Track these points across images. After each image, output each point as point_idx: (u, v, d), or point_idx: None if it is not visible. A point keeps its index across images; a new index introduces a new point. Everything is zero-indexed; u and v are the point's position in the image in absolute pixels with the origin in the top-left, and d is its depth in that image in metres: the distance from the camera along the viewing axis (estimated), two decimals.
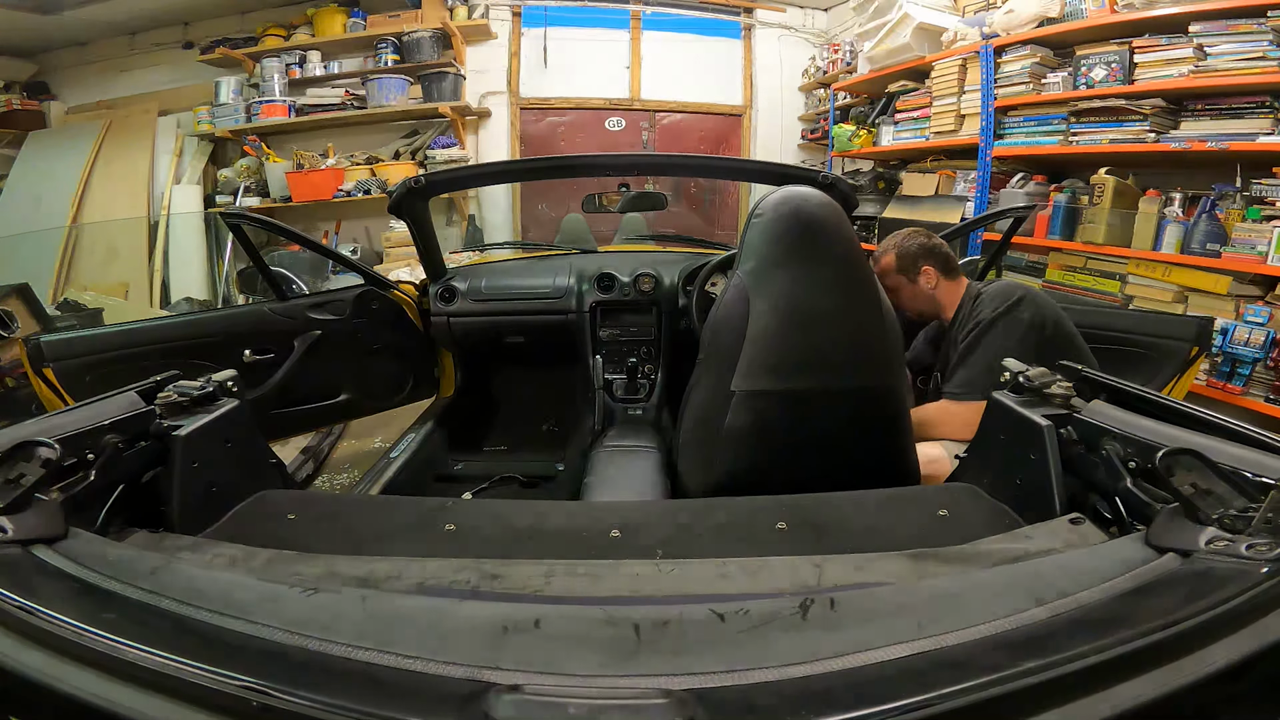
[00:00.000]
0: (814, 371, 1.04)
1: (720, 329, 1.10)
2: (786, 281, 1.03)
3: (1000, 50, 3.14)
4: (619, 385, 1.89)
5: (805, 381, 1.04)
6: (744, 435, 1.04)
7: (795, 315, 1.03)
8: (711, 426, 1.08)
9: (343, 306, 1.87)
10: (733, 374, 1.04)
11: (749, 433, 1.04)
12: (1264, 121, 2.32)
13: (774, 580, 0.65)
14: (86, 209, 4.36)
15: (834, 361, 1.04)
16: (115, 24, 4.38)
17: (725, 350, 1.07)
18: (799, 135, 5.16)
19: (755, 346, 1.03)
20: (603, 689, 0.40)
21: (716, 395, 1.08)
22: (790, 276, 1.03)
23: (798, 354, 1.03)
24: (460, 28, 4.49)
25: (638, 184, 2.14)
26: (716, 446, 1.07)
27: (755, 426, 1.04)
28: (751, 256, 1.06)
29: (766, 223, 1.06)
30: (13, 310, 2.56)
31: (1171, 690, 0.37)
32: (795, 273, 1.03)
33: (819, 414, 1.05)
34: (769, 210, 1.07)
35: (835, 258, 1.04)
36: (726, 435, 1.05)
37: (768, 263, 1.04)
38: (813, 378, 1.04)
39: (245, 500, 0.89)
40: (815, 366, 1.04)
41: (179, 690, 0.38)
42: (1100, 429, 0.77)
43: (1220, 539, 0.51)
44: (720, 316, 1.11)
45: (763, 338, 1.03)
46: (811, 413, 1.05)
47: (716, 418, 1.07)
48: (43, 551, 0.54)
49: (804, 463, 1.06)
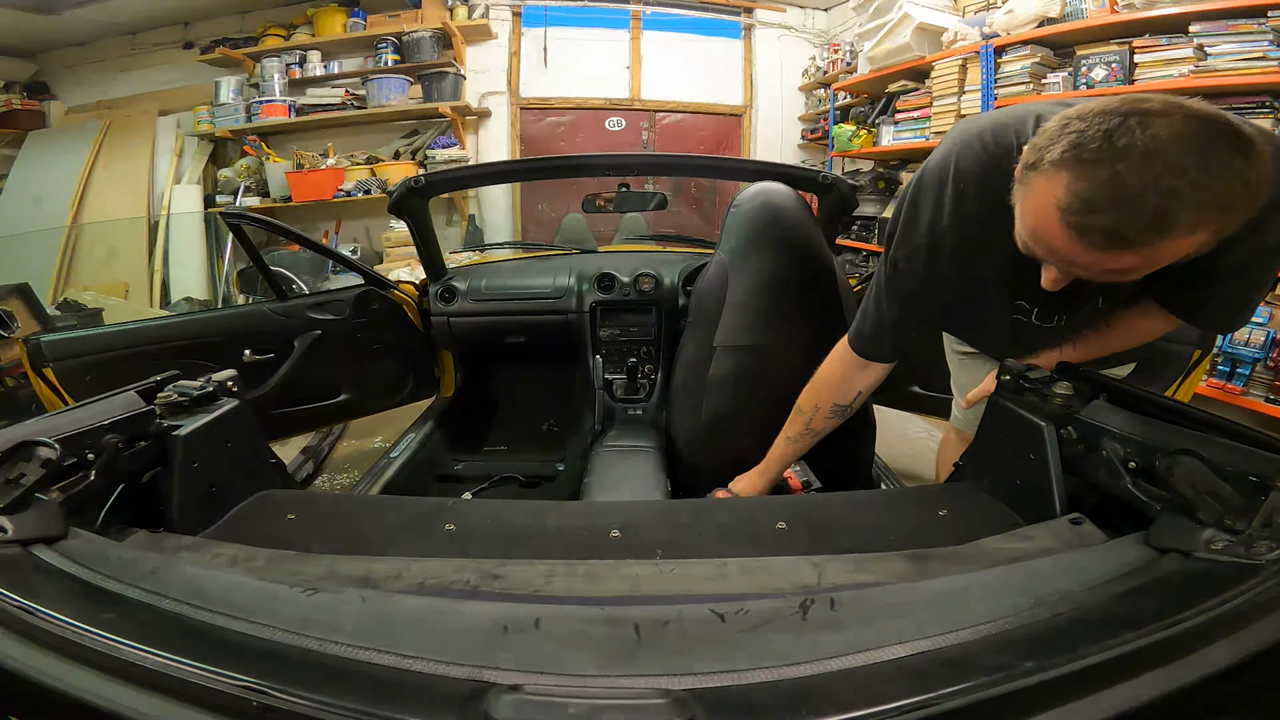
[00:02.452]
0: (779, 328, 1.25)
1: (704, 297, 1.33)
2: (757, 258, 1.26)
3: (1000, 50, 3.14)
4: (619, 385, 1.89)
5: (772, 337, 1.25)
6: (725, 382, 1.27)
7: (764, 284, 1.25)
8: (698, 376, 1.30)
9: (343, 306, 1.87)
10: (714, 333, 1.27)
11: (729, 380, 1.27)
12: (1264, 121, 2.31)
13: (774, 580, 0.65)
14: (86, 209, 4.36)
15: (794, 319, 1.26)
16: (115, 24, 4.38)
17: (708, 314, 1.29)
18: (799, 135, 5.16)
19: (732, 311, 1.26)
20: (603, 689, 0.40)
21: (701, 351, 1.31)
22: (760, 254, 1.26)
23: (766, 315, 1.25)
24: (460, 28, 4.49)
25: (638, 184, 2.15)
26: (702, 393, 1.29)
27: (734, 374, 1.26)
28: (731, 239, 1.30)
29: (742, 212, 1.30)
30: (13, 310, 2.56)
31: (1171, 690, 0.37)
32: (765, 251, 1.26)
33: (782, 362, 1.24)
34: (745, 202, 1.31)
35: (796, 239, 1.27)
36: (710, 383, 1.28)
37: (744, 243, 1.27)
38: (778, 333, 1.25)
39: (245, 500, 0.89)
40: (779, 325, 1.25)
41: (179, 690, 0.38)
42: (1100, 429, 0.77)
43: (1220, 539, 0.51)
44: (704, 287, 1.34)
45: (739, 303, 1.26)
46: (777, 361, 1.25)
47: (702, 369, 1.29)
48: (43, 551, 0.54)
49: (773, 399, 1.21)
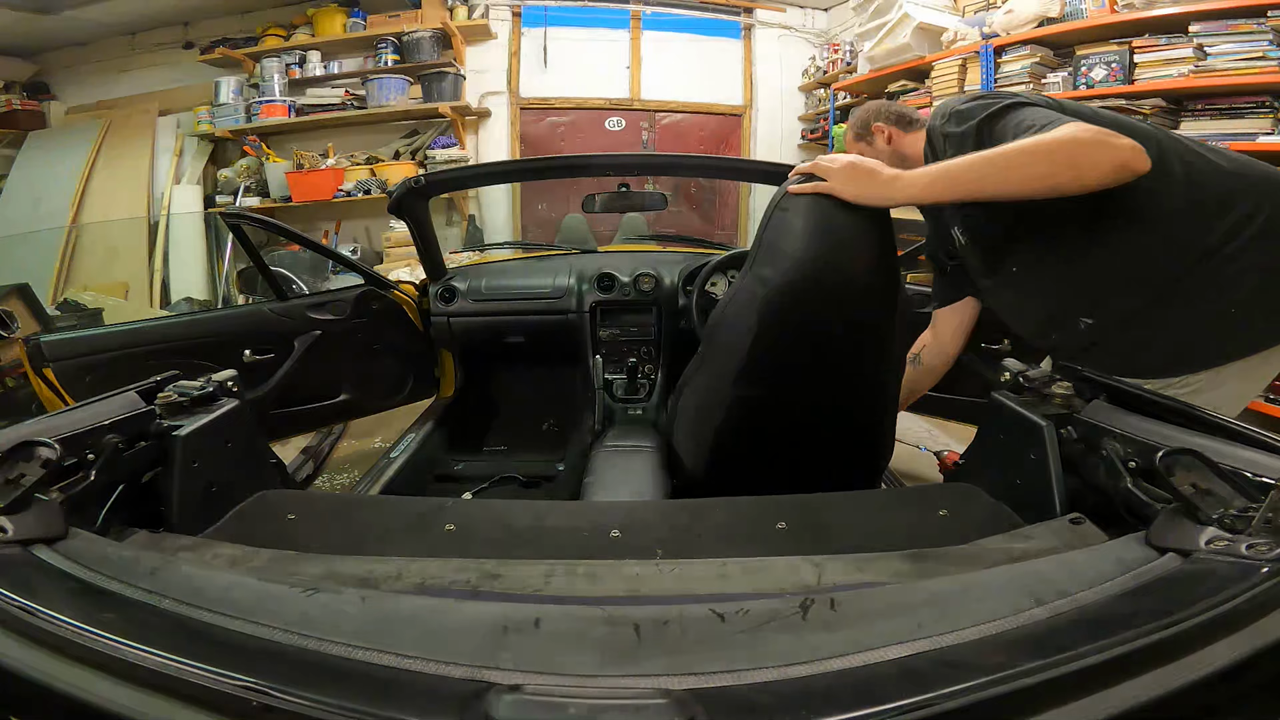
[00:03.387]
0: (825, 379, 1.05)
1: (726, 329, 1.10)
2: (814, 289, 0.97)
3: (1000, 50, 3.14)
4: (619, 385, 1.89)
5: (817, 390, 1.05)
6: (740, 431, 1.10)
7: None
8: (706, 418, 1.14)
9: (343, 306, 1.87)
10: (735, 378, 1.05)
11: (746, 430, 1.09)
12: (1264, 121, 2.31)
13: (774, 580, 0.65)
14: (86, 209, 4.36)
15: (844, 369, 1.05)
16: (115, 24, 4.38)
17: (728, 350, 1.07)
18: (799, 135, 5.16)
19: (772, 353, 1.02)
20: (603, 689, 0.40)
21: (714, 395, 1.12)
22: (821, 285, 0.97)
23: (819, 366, 1.03)
24: (460, 28, 4.49)
25: (638, 184, 2.14)
26: (711, 435, 1.14)
27: (755, 425, 1.08)
28: (776, 258, 0.99)
29: (796, 222, 0.98)
30: (13, 310, 2.55)
31: (1171, 690, 0.37)
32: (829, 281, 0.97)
33: (821, 412, 1.08)
34: (799, 209, 0.98)
35: (871, 266, 0.98)
36: (722, 428, 1.11)
37: (796, 266, 0.97)
38: (824, 386, 1.05)
39: (245, 500, 0.89)
40: (827, 375, 1.05)
41: (179, 690, 0.38)
42: (1100, 429, 0.77)
43: (1220, 539, 0.51)
44: (727, 317, 1.10)
45: (778, 344, 1.01)
46: (815, 414, 1.08)
47: (712, 413, 1.12)
48: (43, 551, 0.54)
49: (796, 441, 1.10)
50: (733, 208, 5.22)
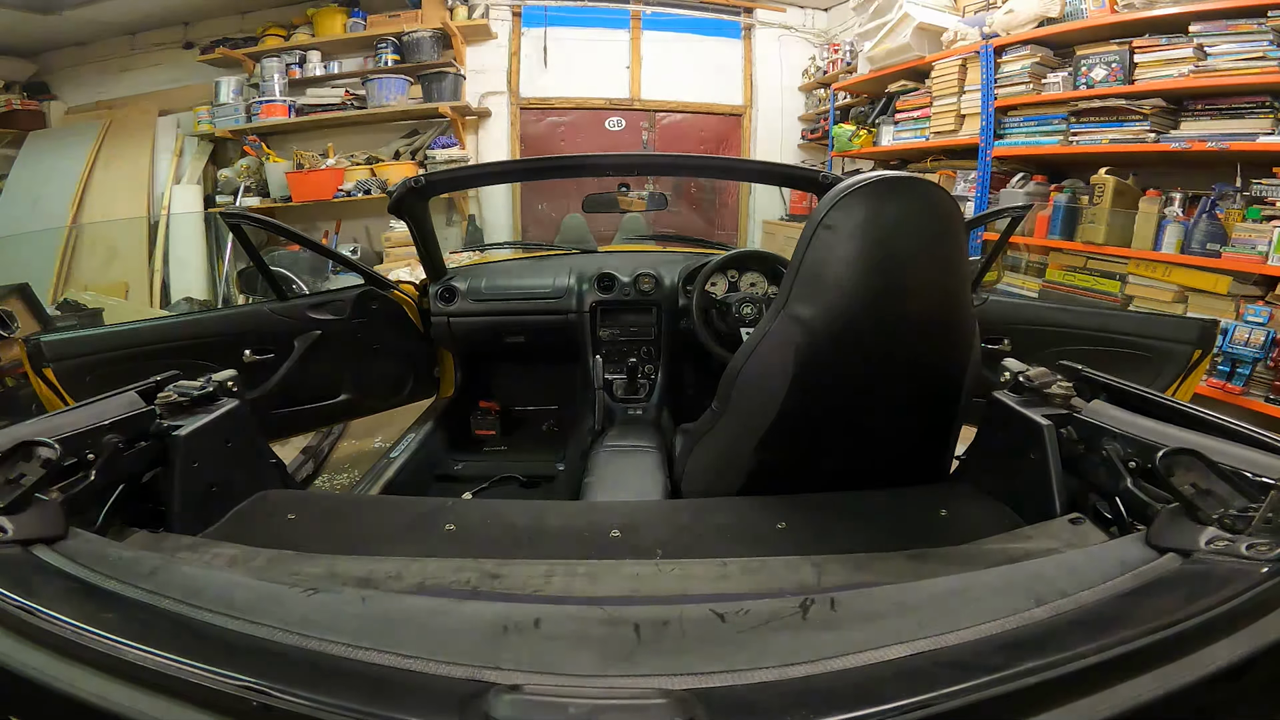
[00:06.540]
0: (862, 434, 0.91)
1: (754, 388, 0.91)
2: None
3: (1000, 50, 3.14)
4: (619, 385, 1.89)
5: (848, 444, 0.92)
6: (753, 475, 0.96)
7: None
8: (716, 466, 1.02)
9: (343, 306, 1.87)
10: (757, 437, 0.89)
11: (757, 476, 0.95)
12: (1264, 121, 2.32)
13: (774, 580, 0.65)
14: (86, 209, 4.36)
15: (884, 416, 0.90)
16: (115, 24, 4.38)
17: (751, 409, 0.91)
18: (799, 135, 5.16)
19: (803, 417, 0.86)
20: (603, 689, 0.40)
21: (730, 450, 0.98)
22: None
23: (865, 426, 0.89)
24: (460, 28, 4.49)
25: (638, 184, 2.14)
26: (717, 475, 1.03)
27: (767, 477, 0.94)
28: (827, 293, 0.78)
29: (856, 240, 0.75)
30: (13, 310, 2.56)
31: (1171, 690, 0.37)
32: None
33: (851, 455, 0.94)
34: (856, 224, 0.75)
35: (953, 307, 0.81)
36: (728, 472, 0.98)
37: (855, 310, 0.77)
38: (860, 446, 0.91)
39: (245, 500, 0.89)
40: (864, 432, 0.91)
41: (179, 690, 0.38)
42: (1100, 429, 0.77)
43: (1220, 539, 0.51)
44: (756, 374, 0.91)
45: (824, 409, 0.85)
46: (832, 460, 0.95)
47: (722, 462, 1.00)
48: (43, 551, 0.54)
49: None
50: (732, 208, 5.23)
